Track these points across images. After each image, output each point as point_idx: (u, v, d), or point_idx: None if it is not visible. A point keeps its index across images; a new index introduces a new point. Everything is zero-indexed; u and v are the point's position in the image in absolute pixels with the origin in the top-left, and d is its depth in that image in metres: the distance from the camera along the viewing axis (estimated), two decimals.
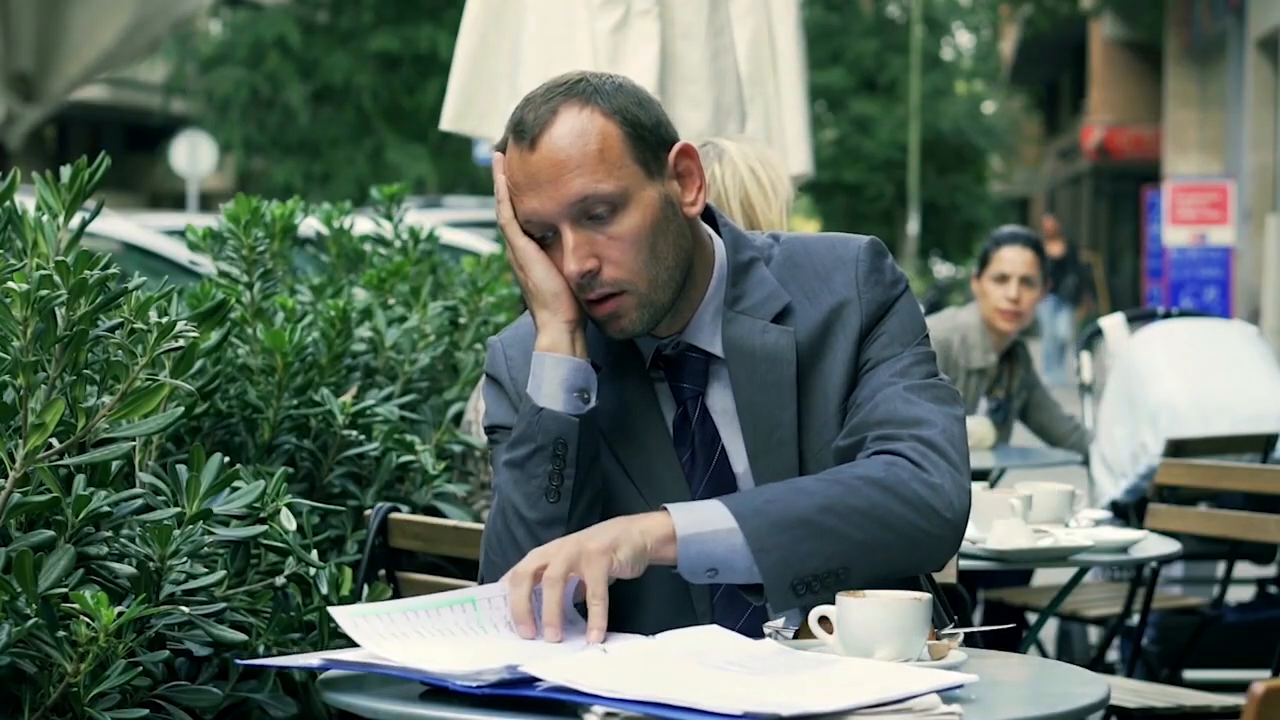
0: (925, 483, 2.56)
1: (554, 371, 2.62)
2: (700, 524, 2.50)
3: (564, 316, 2.63)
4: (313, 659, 2.39)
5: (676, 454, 2.68)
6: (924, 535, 2.55)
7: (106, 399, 2.91)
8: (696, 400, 2.69)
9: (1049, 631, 7.02)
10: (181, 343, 2.91)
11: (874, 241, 2.75)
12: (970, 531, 4.02)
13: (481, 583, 2.68)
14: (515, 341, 2.77)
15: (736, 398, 2.68)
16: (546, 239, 2.64)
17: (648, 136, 2.63)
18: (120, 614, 2.71)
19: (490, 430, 2.76)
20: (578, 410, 2.61)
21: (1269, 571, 7.02)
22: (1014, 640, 5.34)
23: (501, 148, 2.68)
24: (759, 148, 3.89)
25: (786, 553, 2.49)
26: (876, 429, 2.62)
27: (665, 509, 2.51)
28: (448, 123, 5.38)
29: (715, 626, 2.48)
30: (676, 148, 2.67)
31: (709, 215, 2.77)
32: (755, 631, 2.51)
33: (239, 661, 2.94)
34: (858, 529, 2.52)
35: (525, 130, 2.61)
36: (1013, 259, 6.46)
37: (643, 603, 2.66)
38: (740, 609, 2.65)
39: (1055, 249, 22.92)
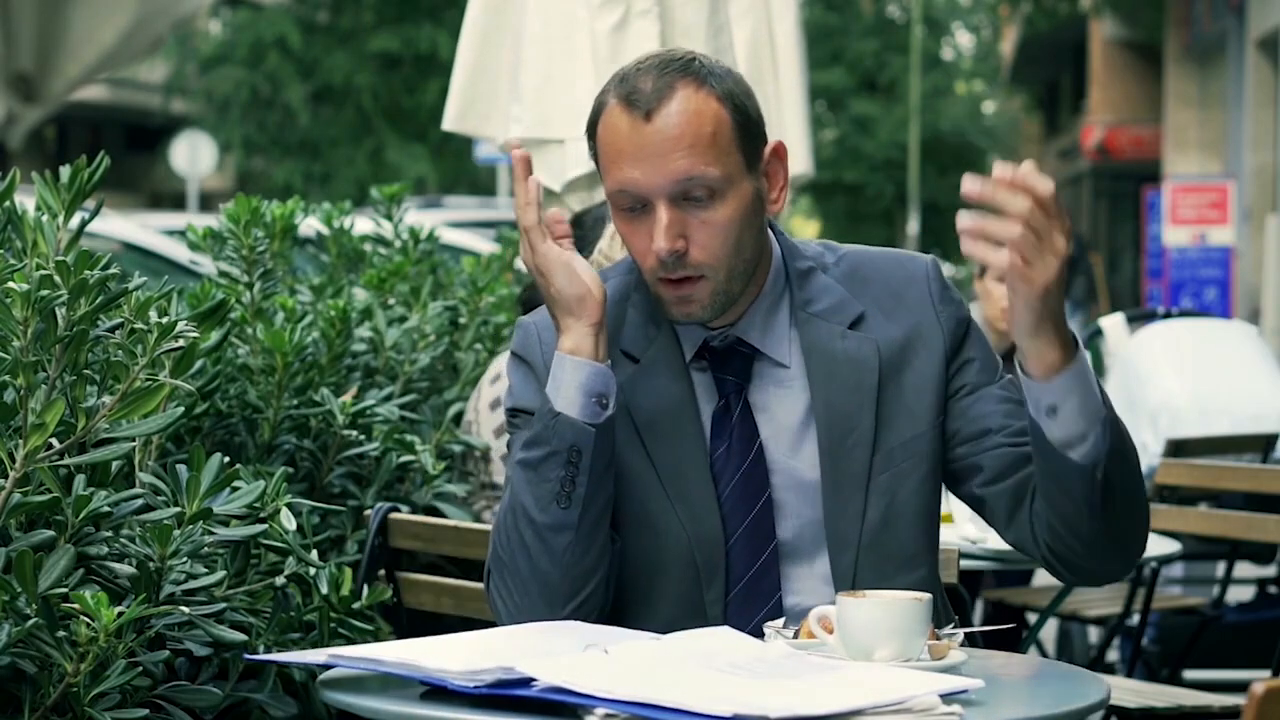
0: None
1: (574, 375, 2.60)
2: (1086, 381, 2.51)
3: (588, 320, 2.62)
4: (318, 655, 2.39)
5: (712, 446, 2.68)
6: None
7: (106, 399, 2.91)
8: (739, 394, 2.69)
9: (1049, 631, 7.01)
10: (181, 343, 2.91)
11: (935, 260, 2.79)
12: (970, 531, 4.02)
13: (486, 578, 2.67)
14: (550, 325, 2.72)
15: (813, 398, 2.67)
16: (633, 210, 2.63)
17: (753, 129, 2.65)
18: (120, 614, 2.71)
19: (513, 413, 2.73)
20: (595, 417, 2.59)
21: (1269, 571, 7.02)
22: (1014, 640, 5.34)
23: (592, 123, 2.65)
24: None
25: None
26: None
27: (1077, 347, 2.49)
28: (450, 123, 5.38)
29: (726, 628, 2.48)
30: (772, 145, 2.69)
31: None
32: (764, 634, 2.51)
33: (247, 656, 2.94)
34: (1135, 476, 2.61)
35: (640, 100, 2.60)
36: None
37: (654, 603, 2.66)
38: (753, 611, 2.64)
39: None
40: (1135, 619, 5.29)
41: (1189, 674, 6.18)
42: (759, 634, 2.49)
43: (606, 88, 2.66)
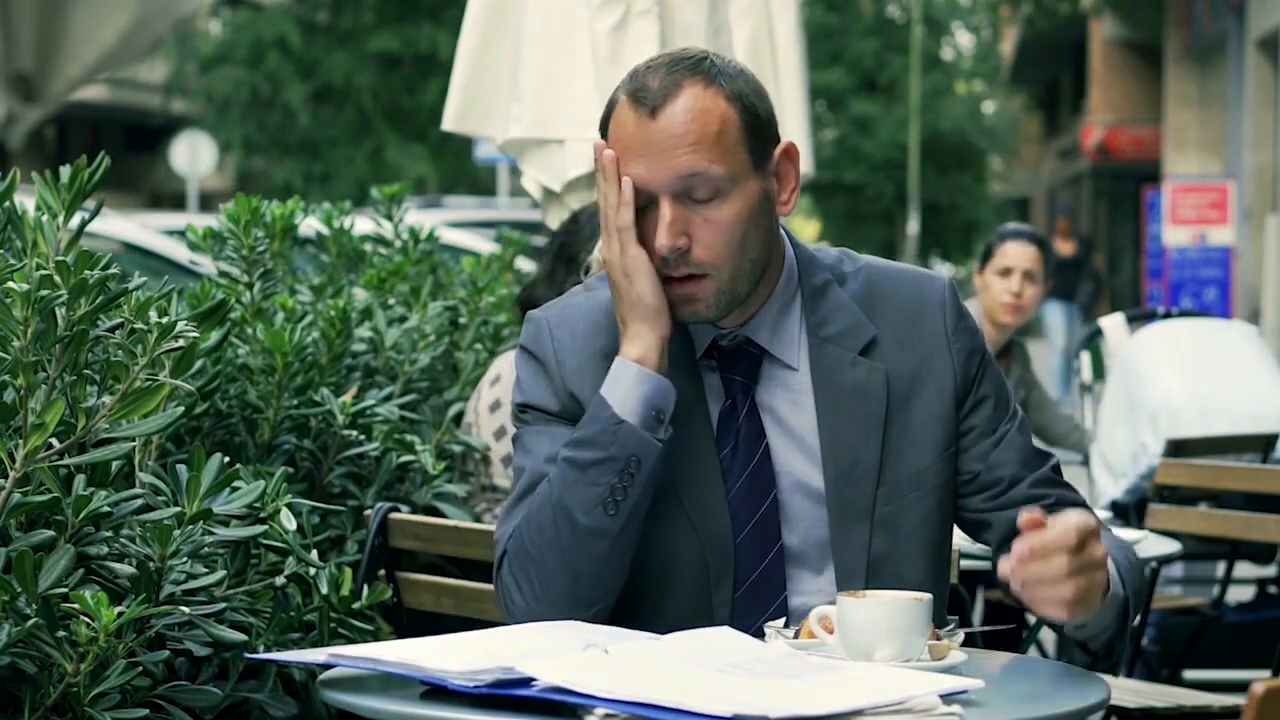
0: None
1: (639, 386, 2.59)
2: (1115, 596, 2.56)
3: (660, 333, 2.61)
4: (318, 654, 2.39)
5: (718, 446, 2.67)
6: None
7: (106, 399, 2.91)
8: (746, 394, 2.68)
9: (1049, 631, 7.00)
10: (181, 343, 2.91)
11: (953, 283, 2.78)
12: None
13: (498, 569, 2.66)
14: (562, 321, 2.72)
15: (820, 426, 2.67)
16: (640, 208, 2.62)
17: (762, 129, 2.64)
18: (120, 614, 2.71)
19: (522, 408, 2.71)
20: (652, 430, 2.58)
21: (1269, 571, 7.02)
22: (1014, 640, 5.34)
23: (604, 121, 2.65)
24: None
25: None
26: (1065, 507, 2.70)
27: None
28: (449, 123, 5.38)
29: (726, 628, 2.47)
30: (782, 146, 2.68)
31: None
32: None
33: (248, 655, 2.94)
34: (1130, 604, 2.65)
35: (647, 97, 2.60)
36: (1017, 254, 6.46)
37: (663, 604, 2.65)
38: (759, 612, 2.64)
39: (1066, 248, 21.22)
40: (1135, 619, 5.28)
41: (1189, 674, 6.18)
42: (762, 634, 2.49)
43: (619, 85, 2.66)
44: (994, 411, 2.72)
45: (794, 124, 5.44)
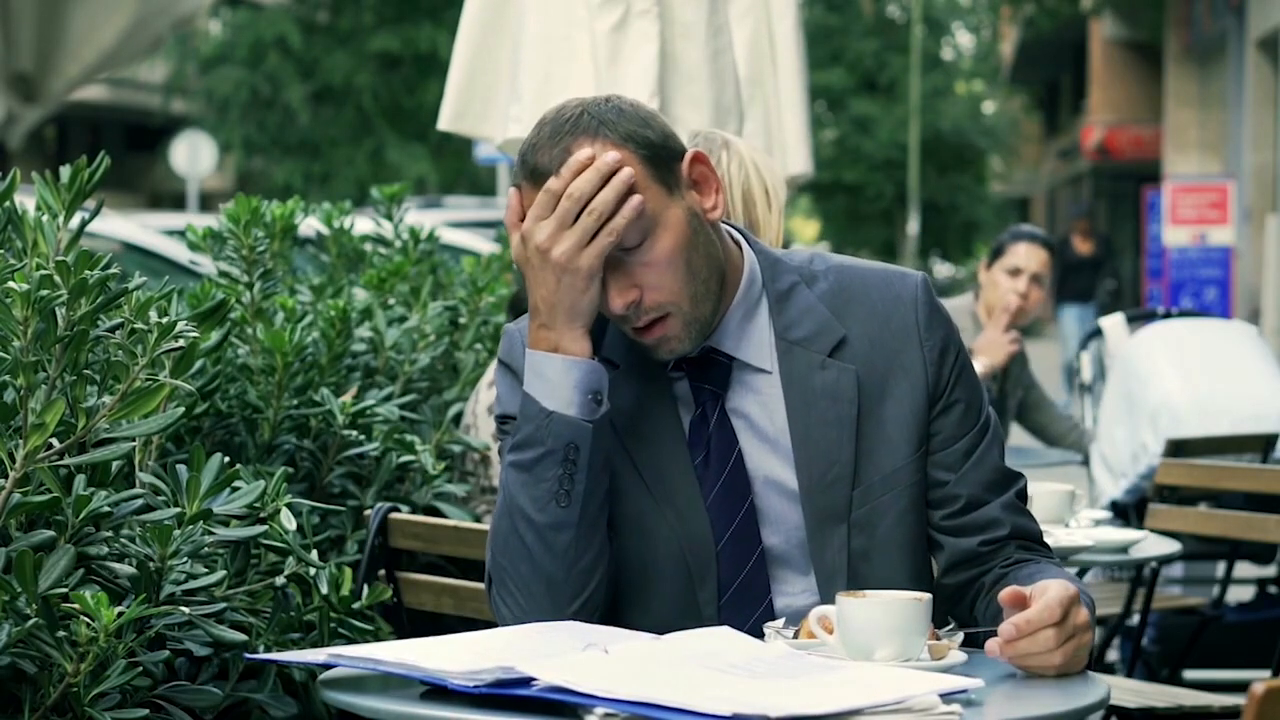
0: None
1: (570, 374, 2.59)
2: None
3: (588, 327, 2.61)
4: (318, 654, 2.39)
5: (691, 454, 2.67)
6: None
7: (106, 399, 2.91)
8: (716, 402, 2.68)
9: None
10: (181, 343, 2.91)
11: (926, 279, 2.77)
12: None
13: (489, 584, 2.67)
14: None
15: (792, 430, 2.67)
16: None
17: (662, 155, 2.62)
18: (120, 614, 2.71)
19: (503, 420, 2.73)
20: (591, 414, 2.59)
21: (1269, 571, 7.02)
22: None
23: (516, 212, 2.64)
24: (759, 152, 3.88)
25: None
26: (1018, 541, 2.71)
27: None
28: (445, 123, 5.37)
29: (725, 628, 2.48)
30: (688, 157, 2.65)
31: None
32: (761, 636, 2.50)
33: (248, 656, 2.94)
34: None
35: (543, 174, 2.59)
36: (1028, 255, 6.46)
37: (648, 604, 2.66)
38: (747, 612, 2.64)
39: (1085, 248, 20.71)
40: (1135, 619, 5.29)
41: (1189, 674, 6.19)
42: (756, 634, 2.49)
43: (514, 174, 2.65)
44: (963, 418, 2.70)
45: (794, 124, 5.44)
